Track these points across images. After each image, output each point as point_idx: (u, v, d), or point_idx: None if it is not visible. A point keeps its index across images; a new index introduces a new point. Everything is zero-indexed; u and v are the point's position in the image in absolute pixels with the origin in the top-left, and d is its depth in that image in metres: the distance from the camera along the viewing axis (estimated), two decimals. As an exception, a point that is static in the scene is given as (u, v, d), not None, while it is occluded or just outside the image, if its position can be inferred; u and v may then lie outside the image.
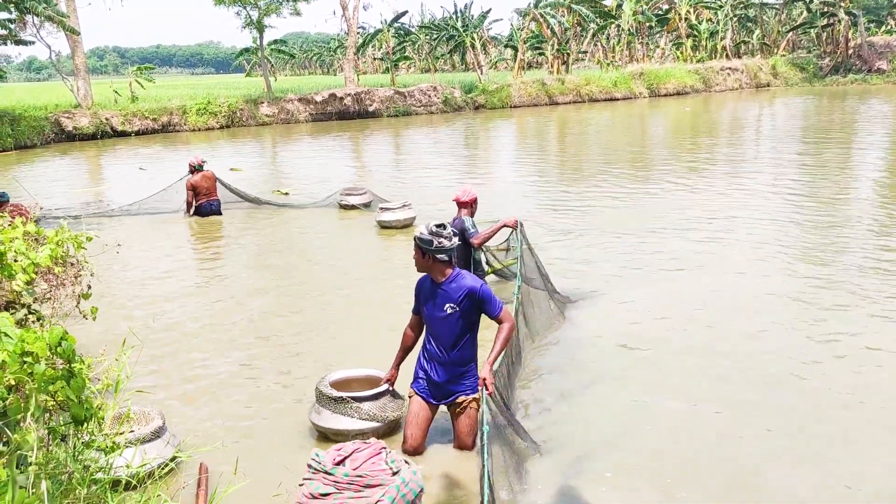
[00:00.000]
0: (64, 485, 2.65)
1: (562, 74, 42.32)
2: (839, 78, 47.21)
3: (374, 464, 1.43)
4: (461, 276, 4.42)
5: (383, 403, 4.77)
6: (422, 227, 4.38)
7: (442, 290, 4.40)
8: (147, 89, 32.51)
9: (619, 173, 16.08)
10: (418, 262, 4.45)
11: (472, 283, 4.37)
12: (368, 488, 1.40)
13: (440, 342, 4.44)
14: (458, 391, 4.46)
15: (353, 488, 1.39)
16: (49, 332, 3.00)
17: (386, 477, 1.40)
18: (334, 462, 1.42)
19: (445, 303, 4.37)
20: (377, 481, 1.39)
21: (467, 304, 4.35)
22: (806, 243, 9.38)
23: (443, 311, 4.38)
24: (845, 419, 4.92)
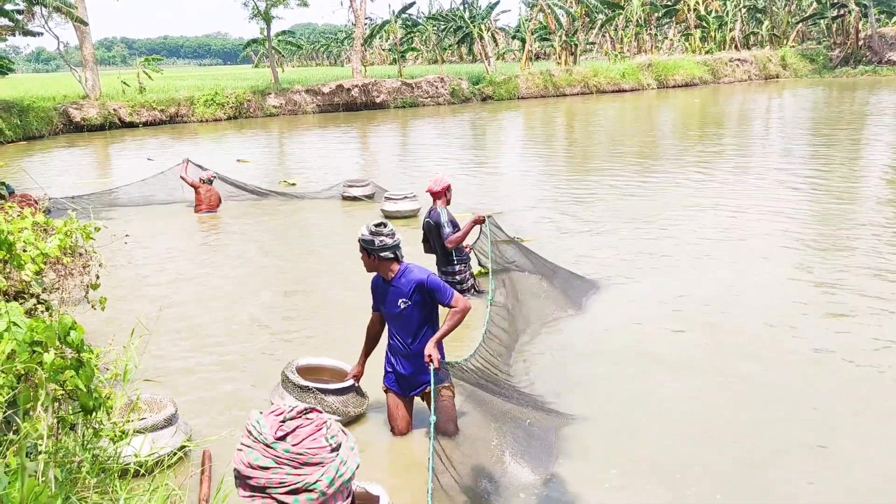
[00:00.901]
0: (73, 473, 2.67)
1: (570, 66, 42.17)
2: (849, 69, 46.88)
3: (314, 440, 1.47)
4: (409, 271, 4.46)
5: (346, 399, 4.81)
6: (363, 228, 4.40)
7: (392, 286, 4.46)
8: (155, 80, 32.55)
9: (628, 165, 16.02)
10: (365, 263, 4.49)
11: (419, 276, 4.42)
12: (307, 466, 1.45)
13: (401, 336, 4.53)
14: (426, 381, 4.46)
15: (293, 465, 1.43)
16: (58, 322, 3.01)
17: (325, 454, 1.46)
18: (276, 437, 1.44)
19: (398, 299, 4.44)
20: (317, 459, 1.45)
21: (418, 296, 4.42)
22: (816, 234, 9.34)
23: (397, 307, 4.45)
24: (857, 412, 4.89)
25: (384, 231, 4.37)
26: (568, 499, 4.02)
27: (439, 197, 7.00)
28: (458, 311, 4.41)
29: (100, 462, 2.85)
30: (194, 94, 31.06)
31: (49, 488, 2.22)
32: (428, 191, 7.09)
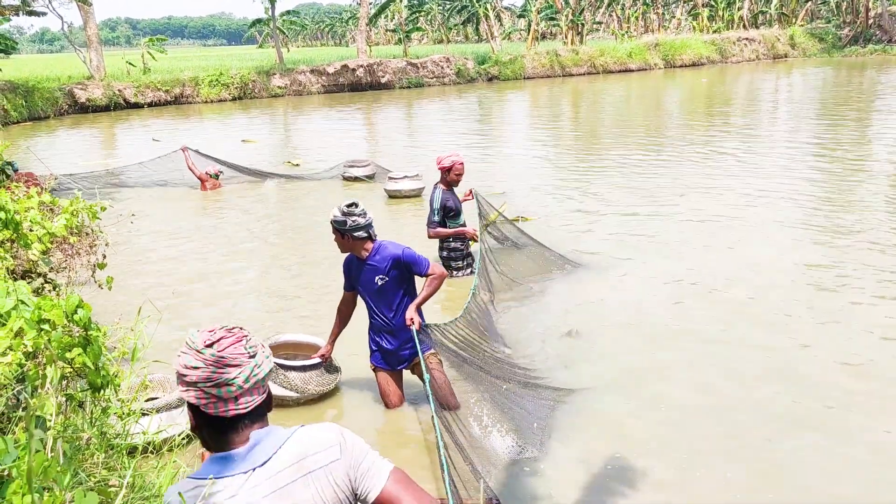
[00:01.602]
0: (82, 450, 2.69)
1: (576, 45, 41.89)
2: (858, 48, 46.43)
3: (235, 349, 1.87)
4: (383, 247, 4.48)
5: (308, 377, 4.85)
6: (334, 210, 4.39)
7: (368, 265, 4.48)
8: (159, 61, 32.47)
9: (634, 145, 15.94)
10: (340, 244, 4.49)
11: (394, 251, 4.46)
12: (228, 366, 1.84)
13: (382, 312, 4.56)
14: (413, 353, 4.55)
15: (217, 365, 1.83)
16: (65, 300, 3.02)
17: (244, 359, 1.86)
18: (205, 344, 1.86)
19: (374, 276, 4.46)
20: (236, 362, 1.85)
21: (395, 271, 4.46)
22: (824, 217, 9.29)
23: (374, 284, 4.48)
24: (862, 394, 4.88)
25: (356, 211, 4.36)
26: (570, 475, 4.03)
27: (442, 174, 6.96)
28: (435, 278, 4.50)
29: (108, 439, 2.87)
30: (199, 75, 30.97)
31: (57, 462, 2.23)
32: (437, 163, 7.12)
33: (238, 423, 1.89)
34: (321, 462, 1.89)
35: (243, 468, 1.85)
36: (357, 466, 1.93)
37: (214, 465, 1.87)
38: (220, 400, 1.85)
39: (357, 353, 5.15)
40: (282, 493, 1.85)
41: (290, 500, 1.86)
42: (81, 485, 2.43)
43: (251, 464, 1.86)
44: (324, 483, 1.89)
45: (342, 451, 1.93)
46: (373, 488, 1.92)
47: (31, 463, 1.41)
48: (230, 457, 1.87)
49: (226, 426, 1.89)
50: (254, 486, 1.84)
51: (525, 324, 6.23)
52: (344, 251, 4.55)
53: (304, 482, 1.87)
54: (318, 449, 1.91)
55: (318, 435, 1.94)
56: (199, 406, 1.87)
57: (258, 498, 1.83)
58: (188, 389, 1.86)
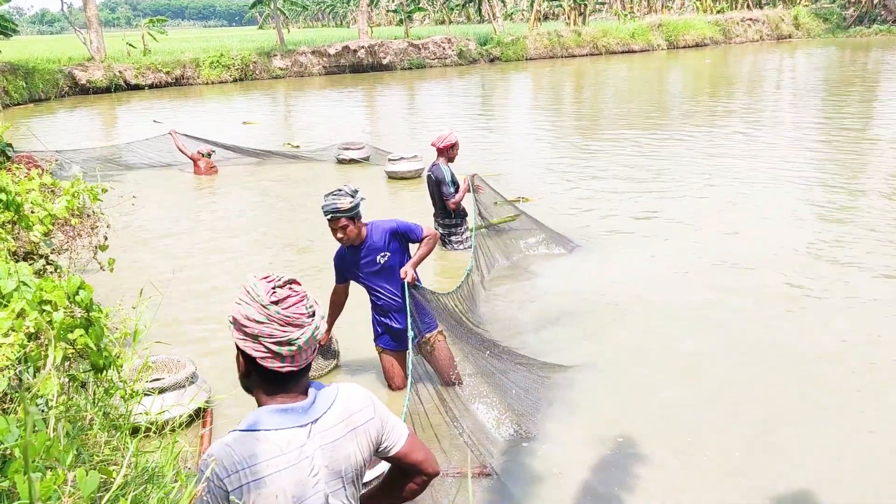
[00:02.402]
0: (84, 430, 2.70)
1: (578, 26, 41.59)
2: (863, 29, 46.04)
3: (297, 308, 1.93)
4: (375, 226, 4.49)
5: None
6: (342, 200, 4.24)
7: (367, 247, 4.46)
8: (159, 42, 32.28)
9: (636, 127, 15.88)
10: (352, 234, 4.36)
11: (388, 225, 4.49)
12: (291, 326, 1.91)
13: (389, 290, 4.55)
14: (422, 331, 4.54)
15: (281, 323, 1.89)
16: (67, 281, 3.03)
17: (305, 319, 1.93)
18: (271, 301, 1.90)
19: (376, 255, 4.46)
20: (299, 322, 1.92)
21: (395, 244, 4.49)
22: (829, 197, 9.27)
23: (377, 263, 4.47)
24: (864, 377, 4.89)
25: (356, 190, 4.33)
26: (567, 452, 4.05)
27: (442, 154, 7.10)
28: (430, 238, 4.55)
29: (111, 419, 2.89)
30: (200, 56, 30.82)
31: (59, 442, 2.24)
32: (432, 145, 7.20)
33: (290, 377, 1.99)
34: (362, 420, 2.07)
35: (304, 421, 1.97)
36: (384, 424, 2.13)
37: (278, 417, 1.96)
38: (277, 356, 1.93)
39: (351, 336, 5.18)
40: (334, 446, 2.01)
41: (340, 452, 2.02)
42: (84, 464, 2.44)
43: (311, 417, 1.98)
44: (363, 438, 2.07)
45: (375, 410, 2.11)
46: (396, 443, 2.14)
47: (29, 439, 1.42)
48: (294, 409, 1.97)
49: (280, 379, 1.98)
50: (314, 439, 1.98)
51: (521, 302, 6.25)
52: (354, 243, 4.43)
53: (350, 437, 2.04)
54: (359, 408, 2.08)
55: (356, 395, 2.11)
56: (258, 359, 1.94)
57: (317, 449, 1.98)
58: (246, 340, 1.93)
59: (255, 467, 1.89)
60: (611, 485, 3.79)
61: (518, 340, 5.52)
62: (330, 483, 2.01)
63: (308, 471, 1.96)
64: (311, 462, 1.96)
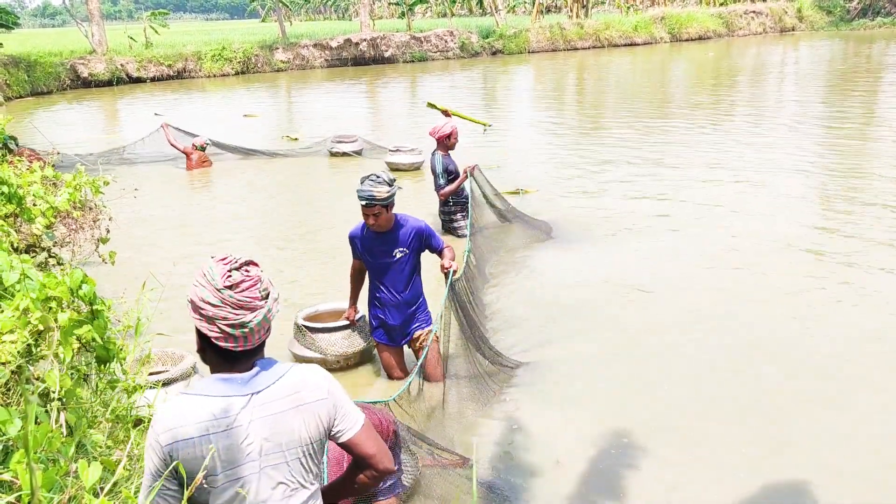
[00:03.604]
0: (88, 421, 2.71)
1: (581, 19, 41.47)
2: (867, 21, 45.85)
3: (251, 292, 2.02)
4: (405, 220, 4.50)
5: (333, 339, 4.99)
6: (379, 187, 4.23)
7: (390, 237, 4.45)
8: (161, 35, 32.25)
9: (638, 120, 15.84)
10: (384, 221, 4.36)
11: (417, 224, 4.51)
12: (244, 309, 1.99)
13: (392, 286, 4.55)
14: (414, 328, 4.65)
15: (234, 307, 1.98)
16: (69, 276, 3.03)
17: (258, 303, 2.02)
18: (224, 285, 1.99)
19: (394, 248, 4.46)
20: (251, 306, 2.00)
21: (416, 244, 4.50)
22: (832, 189, 9.25)
23: (391, 256, 4.47)
24: (870, 371, 4.88)
25: (392, 177, 4.36)
26: (571, 447, 4.05)
27: (439, 144, 7.15)
28: (450, 249, 4.63)
29: (113, 411, 2.90)
30: (202, 49, 30.77)
31: (61, 433, 2.25)
32: (430, 135, 7.26)
33: (242, 355, 2.10)
34: (312, 398, 2.13)
35: (244, 391, 2.06)
36: (338, 409, 2.18)
37: (218, 385, 2.07)
38: (231, 337, 2.04)
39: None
40: (276, 419, 2.08)
41: (282, 426, 2.08)
42: (87, 456, 2.45)
43: (252, 389, 2.06)
44: (309, 416, 2.12)
45: (329, 393, 2.17)
46: (348, 430, 2.19)
47: (30, 430, 1.42)
48: (234, 379, 2.07)
49: (233, 357, 2.09)
50: (252, 409, 2.05)
51: (520, 295, 6.25)
52: (376, 228, 4.40)
53: (294, 412, 2.10)
54: (310, 388, 2.14)
55: (310, 375, 2.17)
56: (211, 338, 2.04)
57: (255, 420, 2.05)
58: (202, 321, 2.04)
59: (187, 428, 1.98)
60: (611, 477, 3.79)
61: (519, 333, 5.52)
62: (270, 455, 2.08)
63: (241, 439, 2.03)
64: (246, 430, 2.03)
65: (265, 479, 2.08)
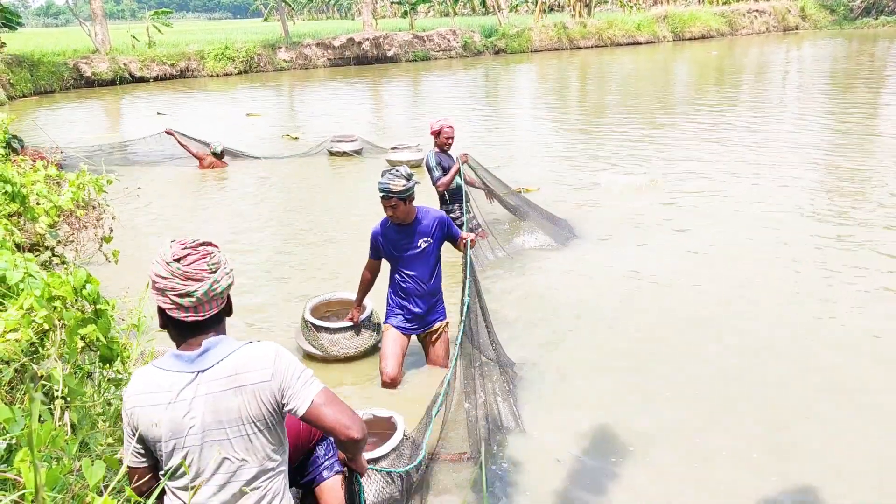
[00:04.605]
0: (92, 420, 2.72)
1: (584, 18, 41.43)
2: (871, 20, 45.73)
3: (198, 265, 2.22)
4: (426, 211, 4.64)
5: (336, 339, 5.07)
6: (397, 181, 4.36)
7: (413, 227, 4.58)
8: (164, 34, 32.29)
9: (641, 119, 15.82)
10: (402, 213, 4.49)
11: (438, 214, 4.66)
12: (191, 280, 2.17)
13: (418, 276, 4.65)
14: (435, 319, 4.81)
15: (181, 278, 2.16)
16: (73, 275, 3.04)
17: (205, 274, 2.20)
18: (173, 258, 2.21)
19: (419, 239, 4.58)
20: (197, 277, 2.18)
21: (438, 233, 4.64)
22: (837, 187, 9.24)
23: (417, 247, 4.59)
24: (879, 372, 4.86)
25: (410, 172, 4.46)
26: (573, 446, 4.05)
27: (435, 139, 7.15)
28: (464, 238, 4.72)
29: (116, 409, 2.91)
30: (204, 49, 30.79)
31: (65, 432, 2.26)
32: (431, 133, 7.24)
33: (196, 327, 2.26)
34: (252, 380, 2.22)
35: (191, 369, 2.22)
36: (286, 389, 2.26)
37: (171, 360, 2.25)
38: (180, 307, 2.21)
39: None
40: (215, 398, 2.20)
41: (222, 405, 2.21)
42: (91, 454, 2.46)
43: (198, 367, 2.22)
44: (250, 398, 2.22)
45: (273, 374, 2.24)
46: (301, 405, 2.26)
47: (34, 427, 1.42)
48: (182, 357, 2.24)
49: (185, 329, 2.26)
50: (196, 387, 2.20)
51: (521, 294, 6.25)
52: (404, 220, 4.54)
53: (233, 393, 2.21)
54: (252, 369, 2.24)
55: (256, 355, 2.26)
56: (165, 309, 2.24)
57: (197, 397, 2.19)
58: (157, 294, 2.23)
59: (141, 396, 2.21)
60: (613, 476, 3.79)
61: (520, 331, 5.52)
62: (211, 431, 2.21)
63: (182, 413, 2.18)
64: (188, 406, 2.18)
65: (207, 452, 2.21)
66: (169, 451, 2.21)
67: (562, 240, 7.56)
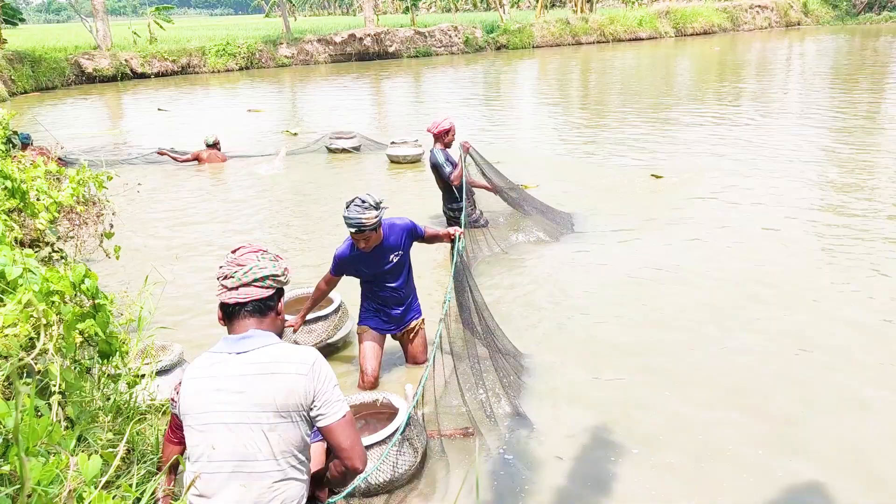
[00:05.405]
0: (91, 415, 2.72)
1: (585, 13, 41.36)
2: (873, 16, 45.65)
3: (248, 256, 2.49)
4: (392, 224, 4.54)
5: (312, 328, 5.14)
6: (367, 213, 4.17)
7: (382, 247, 4.49)
8: (166, 31, 32.26)
9: (643, 115, 15.79)
10: (374, 241, 4.38)
11: (404, 224, 4.59)
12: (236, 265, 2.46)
13: (393, 287, 4.67)
14: (411, 317, 4.86)
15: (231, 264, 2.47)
16: (72, 270, 3.04)
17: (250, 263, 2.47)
18: (231, 251, 2.53)
19: (390, 254, 4.54)
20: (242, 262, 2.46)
21: (408, 241, 4.63)
22: (840, 182, 9.22)
23: (389, 262, 4.55)
24: (885, 369, 4.86)
25: (378, 199, 4.29)
26: (573, 443, 4.05)
27: (437, 139, 7.16)
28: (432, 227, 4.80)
29: (114, 403, 2.91)
30: (206, 45, 30.79)
31: (61, 427, 2.26)
32: (428, 131, 7.26)
33: (238, 311, 2.45)
34: (286, 371, 2.32)
35: (227, 350, 2.38)
36: (321, 392, 2.35)
37: (219, 344, 2.44)
38: (225, 288, 2.46)
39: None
40: (242, 380, 2.31)
41: (251, 387, 2.30)
42: (88, 449, 2.46)
43: (237, 349, 2.37)
44: (280, 385, 2.30)
45: (310, 373, 2.34)
46: (327, 417, 2.35)
47: (19, 418, 1.42)
48: (227, 339, 2.42)
49: (230, 314, 2.47)
50: (230, 366, 2.34)
51: (519, 289, 6.24)
52: (369, 249, 4.40)
53: (262, 379, 2.31)
54: (290, 361, 2.35)
55: (297, 352, 2.39)
56: (217, 296, 2.47)
57: (230, 376, 2.32)
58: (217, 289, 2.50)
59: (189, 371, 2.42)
60: (614, 474, 3.78)
61: (521, 328, 5.51)
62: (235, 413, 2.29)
63: (211, 388, 2.31)
64: (219, 384, 2.31)
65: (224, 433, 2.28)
66: (190, 425, 2.32)
67: (562, 234, 7.58)
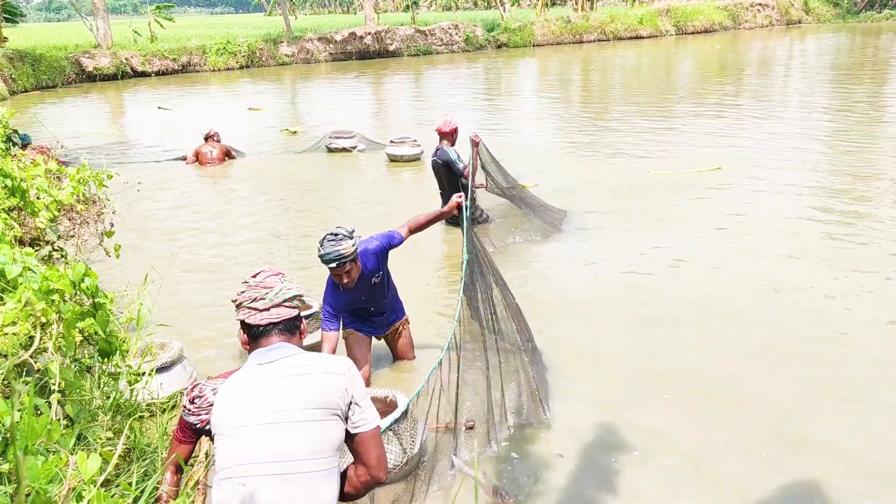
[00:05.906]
0: (90, 413, 2.72)
1: (586, 12, 41.32)
2: (874, 14, 45.60)
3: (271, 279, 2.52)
4: (366, 250, 4.43)
5: None
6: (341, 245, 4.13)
7: (363, 276, 4.44)
8: (166, 29, 32.26)
9: (644, 113, 15.78)
10: (356, 275, 4.32)
11: (377, 245, 4.49)
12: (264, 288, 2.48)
13: (376, 301, 4.68)
14: (395, 318, 4.89)
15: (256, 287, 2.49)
16: (72, 269, 3.04)
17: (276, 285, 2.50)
18: (252, 276, 2.54)
19: (370, 279, 4.51)
20: (270, 284, 2.49)
21: (384, 258, 4.59)
22: (841, 181, 9.21)
23: (371, 285, 4.54)
24: (887, 366, 4.84)
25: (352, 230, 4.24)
26: (576, 441, 4.05)
27: (446, 137, 7.22)
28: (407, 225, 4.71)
29: (114, 401, 2.91)
30: (206, 43, 30.78)
31: (60, 425, 2.26)
32: (437, 130, 7.31)
33: (270, 331, 2.48)
34: (319, 370, 2.37)
35: (258, 361, 2.42)
36: (356, 398, 2.38)
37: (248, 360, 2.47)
38: (256, 311, 2.46)
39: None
40: (276, 382, 2.35)
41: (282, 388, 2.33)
42: (88, 448, 2.47)
43: (267, 359, 2.41)
44: (315, 383, 2.34)
45: (347, 373, 2.40)
46: (363, 424, 2.38)
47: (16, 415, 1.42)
48: (256, 353, 2.46)
49: (259, 334, 2.48)
50: (258, 374, 2.38)
51: (522, 286, 6.24)
52: (352, 283, 4.34)
53: (297, 379, 2.35)
54: (322, 363, 2.41)
55: (329, 358, 2.45)
56: (244, 319, 2.47)
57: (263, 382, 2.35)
58: (238, 311, 2.50)
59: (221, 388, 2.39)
60: (616, 472, 3.78)
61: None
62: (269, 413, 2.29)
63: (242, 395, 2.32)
64: (249, 390, 2.33)
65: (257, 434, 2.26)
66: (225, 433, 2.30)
67: (558, 231, 7.59)
